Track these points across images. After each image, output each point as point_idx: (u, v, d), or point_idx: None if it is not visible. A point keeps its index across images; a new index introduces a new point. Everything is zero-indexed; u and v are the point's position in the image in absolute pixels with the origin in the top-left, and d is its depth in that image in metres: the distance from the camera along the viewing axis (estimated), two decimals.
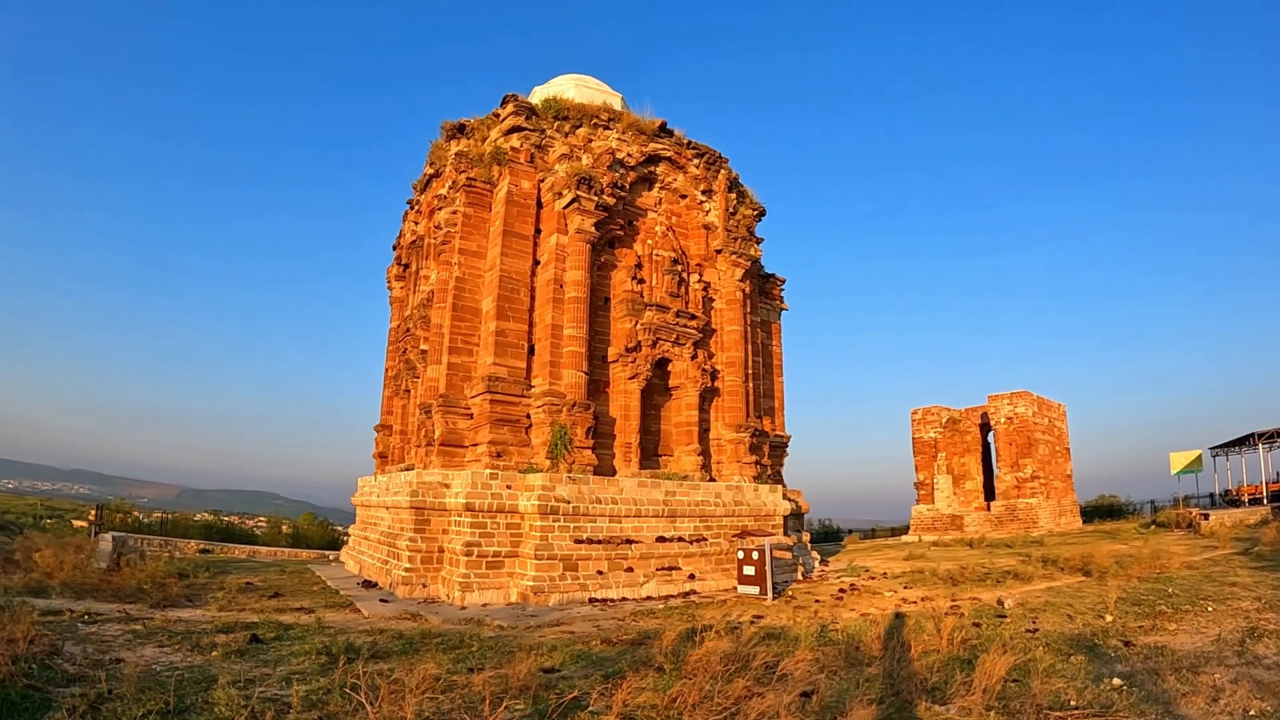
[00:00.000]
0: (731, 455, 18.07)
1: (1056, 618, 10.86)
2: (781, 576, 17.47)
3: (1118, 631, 9.42)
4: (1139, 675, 6.99)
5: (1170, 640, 8.58)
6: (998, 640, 8.65)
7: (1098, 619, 10.48)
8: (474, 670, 7.79)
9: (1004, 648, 7.93)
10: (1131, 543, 23.25)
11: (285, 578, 17.37)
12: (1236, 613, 10.12)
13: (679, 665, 7.38)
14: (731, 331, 18.87)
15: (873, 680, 7.01)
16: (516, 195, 16.64)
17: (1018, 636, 9.18)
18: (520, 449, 15.19)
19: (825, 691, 6.57)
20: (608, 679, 7.19)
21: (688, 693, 6.08)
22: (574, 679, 7.50)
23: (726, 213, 19.35)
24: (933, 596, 14.24)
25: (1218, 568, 16.09)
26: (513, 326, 15.84)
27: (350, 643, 8.81)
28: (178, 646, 8.60)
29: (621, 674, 7.28)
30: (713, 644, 8.12)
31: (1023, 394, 31.23)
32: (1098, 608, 11.44)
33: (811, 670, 7.45)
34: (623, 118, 17.97)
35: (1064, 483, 32.61)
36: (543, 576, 13.26)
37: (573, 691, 6.64)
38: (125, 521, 29.28)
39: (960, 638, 8.67)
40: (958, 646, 8.34)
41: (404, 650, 8.75)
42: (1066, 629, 9.84)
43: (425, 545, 14.28)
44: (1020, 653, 7.91)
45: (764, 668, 7.52)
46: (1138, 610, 10.86)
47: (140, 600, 11.67)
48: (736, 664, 7.57)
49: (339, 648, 8.37)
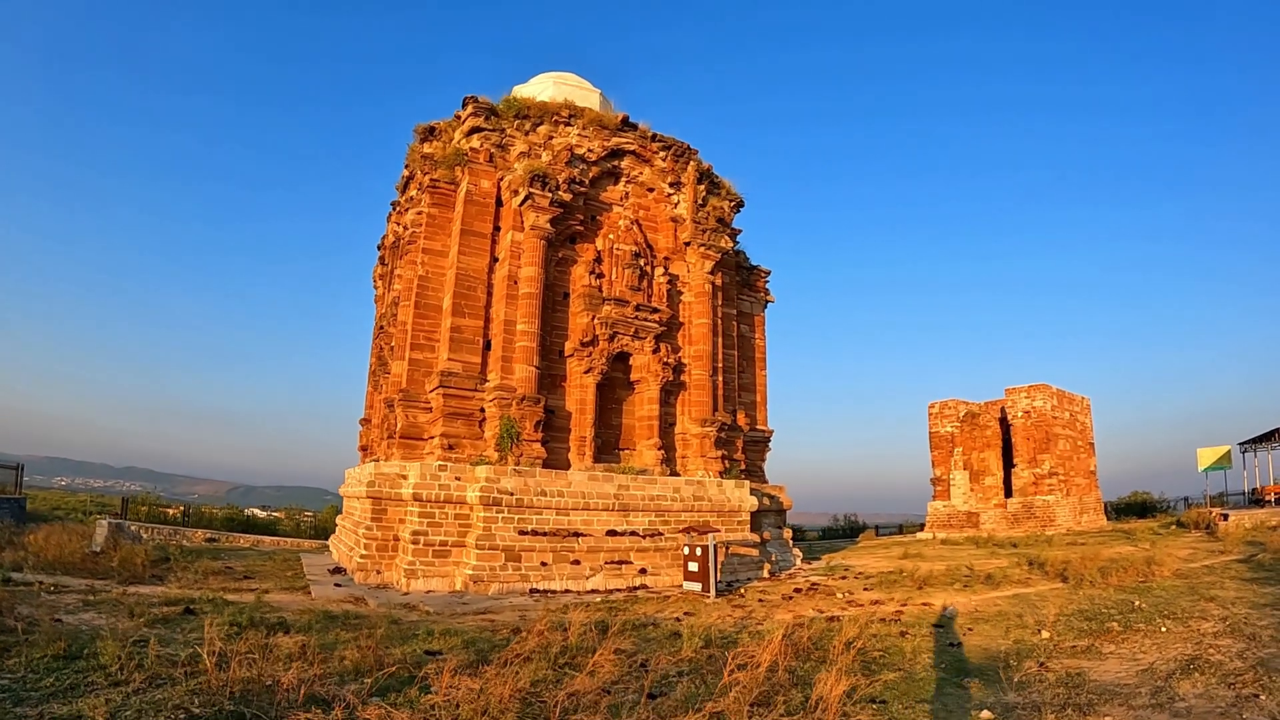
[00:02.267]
0: (697, 450, 18.64)
1: (995, 630, 10.58)
2: (745, 574, 17.97)
3: (1047, 651, 9.07)
4: (1019, 710, 6.53)
5: (1096, 666, 8.17)
6: (901, 653, 8.78)
7: (1035, 634, 10.10)
8: (363, 647, 8.78)
9: (875, 665, 8.04)
10: (1141, 545, 22.65)
11: (269, 564, 18.88)
12: (1190, 636, 9.39)
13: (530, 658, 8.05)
14: (699, 324, 19.40)
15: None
16: (475, 195, 17.61)
17: (938, 651, 9.03)
18: (474, 442, 16.19)
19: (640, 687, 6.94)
20: (473, 664, 7.96)
21: (503, 682, 6.76)
22: (448, 661, 8.35)
23: (695, 205, 19.85)
24: (885, 600, 14.24)
25: (1209, 577, 15.03)
26: (468, 323, 16.84)
27: (264, 618, 9.95)
28: (116, 614, 9.88)
29: (488, 660, 8.08)
30: (579, 639, 8.76)
31: (1041, 387, 30.55)
32: (1046, 622, 10.87)
33: (668, 670, 8.07)
34: (584, 113, 18.70)
35: (1086, 479, 31.74)
36: (483, 566, 14.20)
37: (430, 673, 7.44)
38: (150, 514, 31.94)
39: (857, 647, 8.50)
40: (851, 658, 8.06)
41: (310, 627, 9.82)
42: (995, 644, 9.58)
43: (381, 534, 15.44)
44: (904, 671, 7.87)
45: (633, 666, 8.14)
46: (1085, 627, 10.38)
47: (110, 578, 13.21)
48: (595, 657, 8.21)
49: (249, 621, 9.51)
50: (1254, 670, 7.28)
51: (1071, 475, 30.09)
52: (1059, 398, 30.96)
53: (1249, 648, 8.34)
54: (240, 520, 36.36)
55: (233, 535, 27.28)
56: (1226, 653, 8.21)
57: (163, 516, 32.60)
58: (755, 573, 18.15)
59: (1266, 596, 11.59)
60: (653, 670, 7.82)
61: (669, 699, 6.77)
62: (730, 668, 7.04)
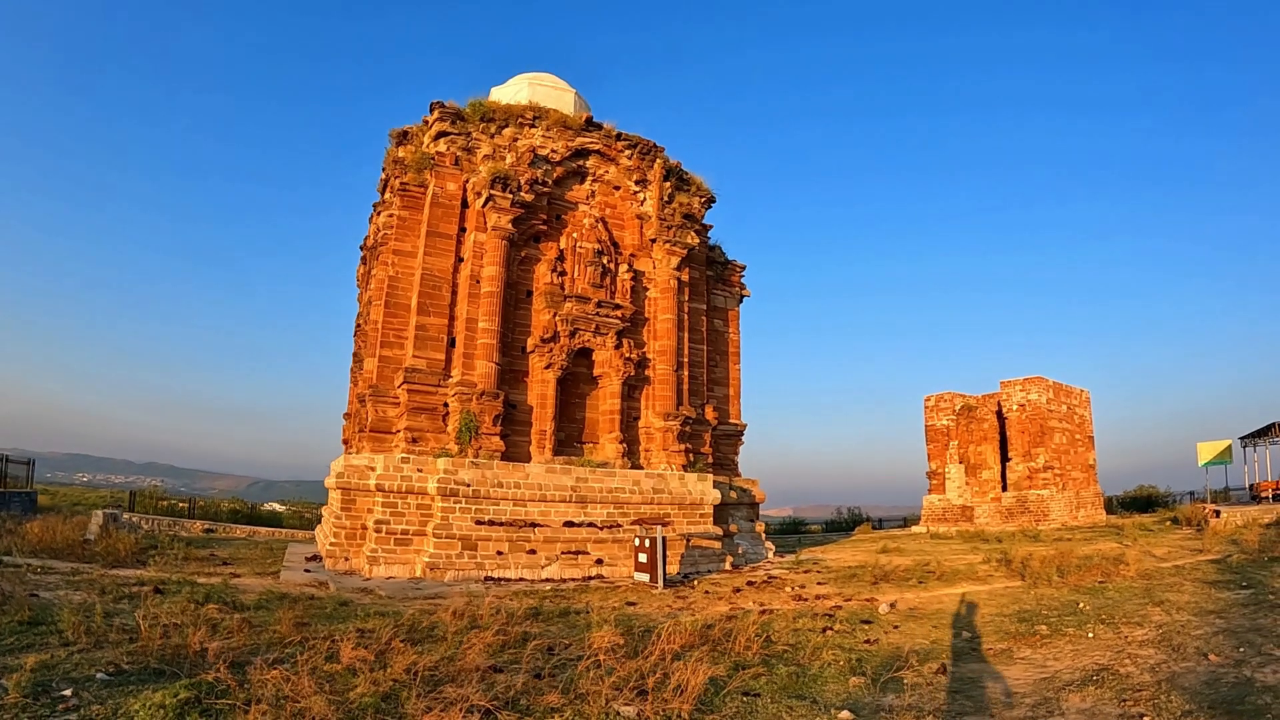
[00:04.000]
0: (660, 443, 19.64)
1: (921, 629, 10.78)
2: (705, 566, 18.93)
3: (959, 653, 9.23)
4: (884, 713, 6.58)
5: (1003, 670, 8.12)
6: (806, 649, 9.05)
7: (958, 635, 10.26)
8: (301, 624, 10.01)
9: (774, 659, 8.39)
10: (1125, 541, 22.99)
11: (254, 552, 20.39)
12: (1114, 643, 9.15)
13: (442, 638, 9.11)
14: (665, 320, 20.35)
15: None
16: (441, 197, 18.76)
17: (849, 649, 9.26)
18: (437, 435, 17.41)
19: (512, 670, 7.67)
20: (388, 642, 9.06)
21: (402, 655, 7.83)
22: (377, 638, 9.47)
23: (661, 201, 20.74)
24: (832, 595, 14.66)
25: (1171, 578, 14.97)
26: (433, 321, 18.03)
27: (223, 597, 11.26)
28: (90, 591, 11.28)
29: (417, 641, 9.20)
30: (494, 626, 9.78)
31: (1036, 379, 30.83)
32: (978, 622, 11.06)
33: (577, 655, 8.96)
34: (549, 115, 19.70)
35: (1084, 473, 31.97)
36: (440, 554, 15.42)
37: (340, 648, 8.53)
38: (157, 507, 34.09)
39: (761, 640, 8.99)
40: (755, 651, 8.62)
41: (261, 606, 11.10)
42: (912, 643, 9.68)
43: (350, 523, 16.76)
44: (799, 667, 8.17)
45: (538, 650, 9.08)
46: (1014, 629, 10.38)
47: (95, 562, 14.73)
48: (508, 641, 9.20)
49: (205, 598, 10.82)
50: (1157, 686, 7.05)
51: (1068, 469, 30.38)
52: (1055, 390, 31.22)
53: (1167, 660, 8.13)
54: (244, 513, 38.37)
55: (231, 527, 29.06)
56: (1141, 664, 7.97)
57: (171, 509, 34.69)
58: (716, 565, 19.11)
59: (1218, 602, 11.37)
60: (557, 654, 8.70)
61: (554, 679, 7.41)
62: (625, 655, 7.60)
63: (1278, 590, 11.84)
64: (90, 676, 6.84)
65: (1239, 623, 9.80)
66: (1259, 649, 8.25)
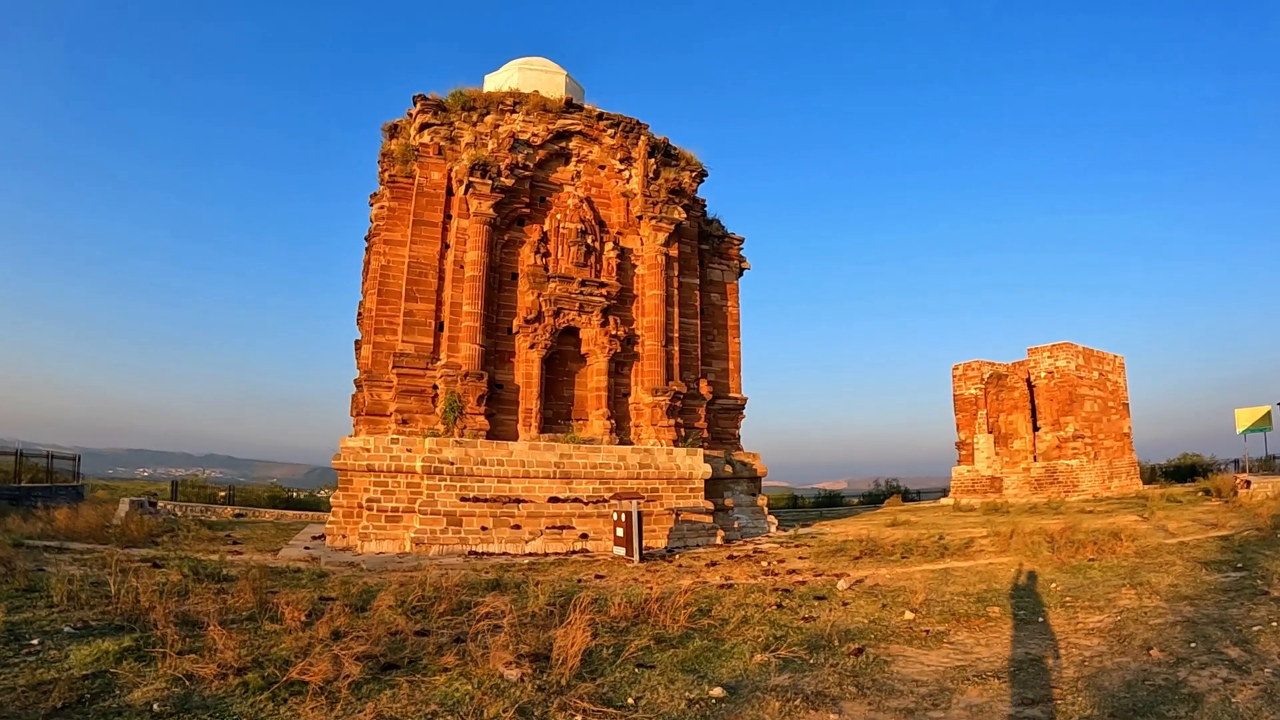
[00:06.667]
0: (649, 419, 20.28)
1: (872, 607, 10.70)
2: (695, 540, 19.54)
3: (891, 633, 9.14)
4: (757, 692, 6.50)
5: (917, 656, 7.95)
6: (733, 622, 9.27)
7: (902, 614, 10.09)
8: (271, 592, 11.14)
9: (697, 632, 8.67)
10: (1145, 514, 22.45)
11: (269, 533, 22.06)
12: (1062, 630, 8.86)
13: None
14: (652, 296, 20.87)
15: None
16: (426, 187, 19.66)
17: (780, 625, 9.40)
18: (425, 416, 18.49)
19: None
20: (353, 609, 10.02)
21: (339, 618, 8.81)
22: (335, 605, 10.46)
23: (646, 179, 21.17)
24: (805, 570, 14.72)
25: (1167, 557, 14.33)
26: (420, 307, 19.04)
27: (213, 571, 12.53)
28: (92, 566, 12.75)
29: (365, 608, 10.19)
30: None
31: (1064, 346, 30.08)
32: (931, 601, 10.87)
33: (514, 623, 9.82)
34: (529, 99, 20.30)
35: (1119, 441, 31.12)
36: (425, 530, 16.52)
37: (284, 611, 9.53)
38: (197, 494, 36.81)
39: (689, 611, 9.32)
40: (681, 625, 8.88)
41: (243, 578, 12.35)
42: (850, 622, 9.68)
43: (347, 501, 18.05)
44: (713, 641, 8.33)
45: (480, 617, 9.88)
46: (965, 610, 10.17)
47: (111, 543, 16.38)
48: (450, 609, 10.07)
49: (192, 571, 12.11)
50: (1072, 684, 6.71)
51: (1100, 438, 29.69)
52: (1086, 356, 30.42)
53: (1105, 653, 7.78)
54: (282, 498, 41.00)
55: (261, 511, 31.20)
56: (1075, 656, 7.63)
57: (210, 496, 37.36)
58: (707, 539, 19.72)
59: (1200, 586, 10.91)
60: (492, 619, 9.48)
61: (473, 644, 7.83)
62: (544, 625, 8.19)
63: (1269, 575, 11.19)
64: (59, 630, 8.01)
65: (1208, 611, 9.37)
66: (1211, 645, 7.79)
